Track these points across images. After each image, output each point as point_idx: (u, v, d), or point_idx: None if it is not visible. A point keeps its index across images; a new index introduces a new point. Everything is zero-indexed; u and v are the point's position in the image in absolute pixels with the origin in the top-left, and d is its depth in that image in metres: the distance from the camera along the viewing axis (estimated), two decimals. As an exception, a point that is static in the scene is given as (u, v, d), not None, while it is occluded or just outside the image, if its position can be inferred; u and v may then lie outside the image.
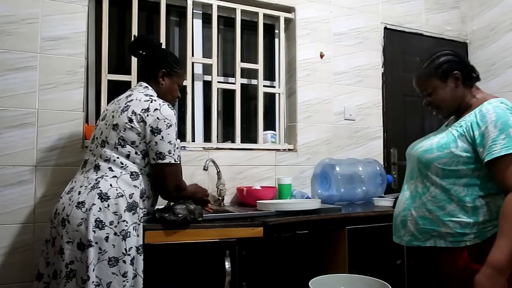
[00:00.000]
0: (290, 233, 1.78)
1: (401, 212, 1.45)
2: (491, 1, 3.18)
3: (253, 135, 2.68)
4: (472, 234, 1.30)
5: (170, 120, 1.52)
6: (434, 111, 1.47)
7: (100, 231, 1.37)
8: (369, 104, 2.89)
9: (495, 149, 1.23)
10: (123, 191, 1.44)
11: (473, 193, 1.31)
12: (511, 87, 3.01)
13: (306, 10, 2.71)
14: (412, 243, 1.42)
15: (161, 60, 1.70)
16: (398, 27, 3.06)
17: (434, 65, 1.41)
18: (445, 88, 1.40)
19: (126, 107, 1.54)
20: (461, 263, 1.31)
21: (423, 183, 1.39)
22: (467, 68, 1.41)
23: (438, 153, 1.33)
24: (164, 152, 1.50)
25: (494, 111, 1.28)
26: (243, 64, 2.58)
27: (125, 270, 1.38)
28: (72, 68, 2.06)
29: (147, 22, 2.51)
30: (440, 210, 1.34)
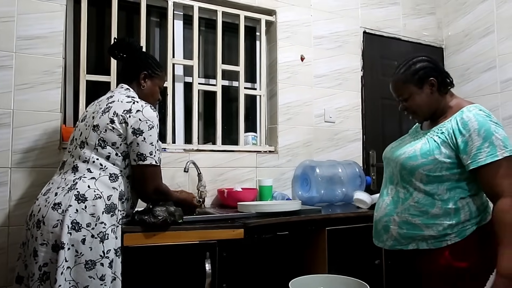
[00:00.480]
0: (271, 235, 1.79)
1: (382, 217, 1.47)
2: (465, 8, 3.28)
3: (234, 136, 2.68)
4: (453, 234, 1.34)
5: (152, 121, 1.51)
6: (410, 115, 1.51)
7: (76, 233, 1.35)
8: (349, 107, 2.93)
9: (481, 157, 1.27)
10: (101, 192, 1.42)
11: (455, 196, 1.35)
12: (484, 91, 3.11)
13: (287, 13, 2.73)
14: (395, 247, 1.45)
15: (142, 62, 1.70)
16: (376, 32, 3.12)
17: (411, 71, 1.44)
18: (421, 94, 1.43)
19: (108, 108, 1.52)
20: (443, 262, 1.34)
21: (406, 189, 1.41)
22: (442, 74, 1.44)
23: (423, 160, 1.35)
24: (145, 154, 1.49)
25: (476, 119, 1.31)
26: (224, 66, 2.59)
27: (103, 273, 1.36)
28: (49, 68, 2.02)
29: (127, 23, 2.48)
30: (424, 215, 1.36)
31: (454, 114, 1.38)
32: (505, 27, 2.98)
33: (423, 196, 1.37)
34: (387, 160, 1.54)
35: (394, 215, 1.42)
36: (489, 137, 1.28)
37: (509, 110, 2.94)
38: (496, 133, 1.29)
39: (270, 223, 1.80)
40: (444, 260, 1.35)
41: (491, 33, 3.06)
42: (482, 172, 1.29)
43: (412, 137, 1.54)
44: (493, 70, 3.05)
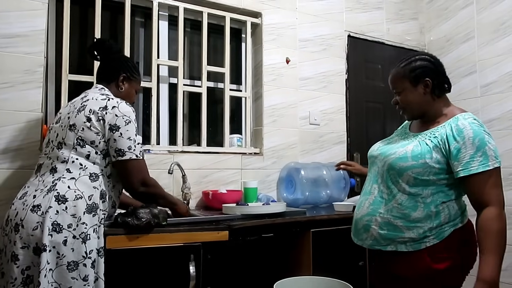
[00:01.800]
0: (256, 237, 1.79)
1: (364, 216, 1.47)
2: (446, 14, 3.35)
3: (219, 138, 2.67)
4: (432, 236, 1.36)
5: (129, 116, 1.50)
6: (400, 110, 1.52)
7: (57, 235, 1.32)
8: (333, 110, 2.96)
9: (473, 165, 1.29)
10: (82, 192, 1.40)
11: (437, 200, 1.36)
12: (465, 95, 3.18)
13: (272, 16, 2.74)
14: (374, 247, 1.46)
15: (122, 65, 1.69)
16: (361, 36, 3.16)
17: (410, 67, 1.44)
18: (414, 92, 1.44)
19: (83, 106, 1.50)
20: (422, 265, 1.36)
21: (390, 189, 1.42)
22: (439, 78, 1.44)
23: (413, 162, 1.35)
24: (124, 149, 1.47)
25: (471, 128, 1.32)
26: (210, 68, 2.58)
27: (86, 274, 1.33)
28: (30, 67, 1.97)
29: (111, 22, 2.45)
30: (406, 217, 1.37)
31: (447, 120, 1.39)
32: (485, 33, 3.05)
33: (406, 198, 1.38)
34: (373, 158, 1.54)
35: (377, 215, 1.42)
36: (482, 146, 1.30)
37: (488, 114, 3.01)
38: (489, 144, 1.31)
39: (255, 225, 1.79)
40: (423, 263, 1.36)
41: (472, 38, 3.14)
42: (472, 181, 1.31)
43: (400, 137, 1.54)
44: (473, 75, 3.12)
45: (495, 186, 1.30)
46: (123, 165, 1.49)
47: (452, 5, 3.31)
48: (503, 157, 2.94)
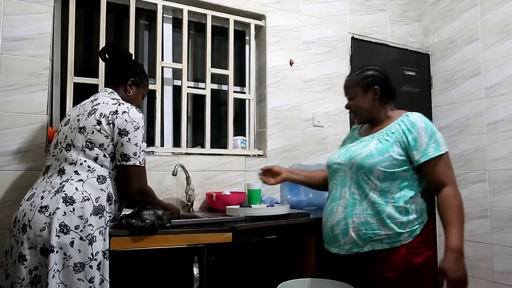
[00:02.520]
0: (259, 238, 1.79)
1: (340, 221, 1.52)
2: (450, 16, 3.34)
3: (223, 140, 2.68)
4: (406, 233, 1.47)
5: (138, 122, 1.52)
6: (352, 114, 1.65)
7: (64, 236, 1.33)
8: (337, 112, 2.96)
9: (430, 151, 1.47)
10: (89, 194, 1.41)
11: (405, 195, 1.49)
12: (469, 97, 3.17)
13: (276, 18, 2.75)
14: (352, 251, 1.51)
15: (132, 69, 1.72)
16: (364, 37, 3.15)
17: (362, 75, 1.63)
18: (364, 98, 1.62)
19: (93, 110, 1.52)
20: (400, 260, 1.45)
21: (362, 189, 1.51)
22: (387, 87, 1.63)
23: (380, 157, 1.48)
24: (129, 154, 1.48)
25: (422, 120, 1.52)
26: (214, 70, 2.59)
27: (92, 275, 1.34)
28: (35, 70, 1.99)
29: (116, 25, 2.47)
30: (380, 214, 1.46)
31: (395, 120, 1.57)
32: (489, 34, 3.04)
33: (378, 195, 1.48)
34: (336, 165, 1.62)
35: (353, 217, 1.50)
36: (433, 135, 1.49)
37: (493, 115, 3.00)
38: (437, 132, 1.51)
39: (259, 227, 1.80)
40: (401, 258, 1.45)
41: (476, 40, 3.13)
42: (430, 165, 1.48)
43: (355, 143, 1.65)
44: (478, 76, 3.11)
45: (449, 168, 1.50)
46: (125, 170, 1.50)
47: (456, 6, 3.30)
48: (508, 159, 2.97)
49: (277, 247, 1.83)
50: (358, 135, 1.71)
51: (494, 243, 2.96)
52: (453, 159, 3.34)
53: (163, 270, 1.55)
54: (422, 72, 3.48)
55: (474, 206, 3.09)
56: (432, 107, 3.48)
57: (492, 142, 3.00)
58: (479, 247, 3.04)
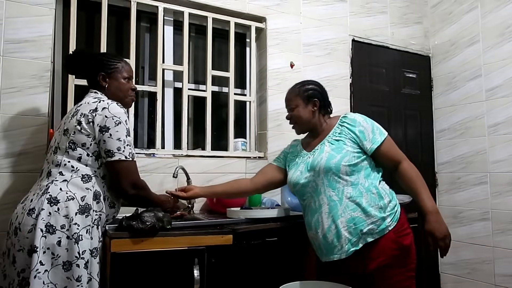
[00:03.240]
0: (260, 241, 1.79)
1: (330, 226, 1.57)
2: (451, 18, 3.35)
3: (224, 142, 2.68)
4: (389, 218, 1.56)
5: (119, 117, 1.49)
6: (292, 125, 1.81)
7: (51, 236, 1.34)
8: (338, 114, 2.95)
9: (377, 137, 1.63)
10: (73, 194, 1.42)
11: (372, 182, 1.60)
12: (470, 99, 3.17)
13: (277, 21, 2.76)
14: (350, 250, 1.55)
15: (95, 65, 1.65)
16: (365, 40, 3.16)
17: (304, 88, 1.78)
18: (305, 109, 1.75)
19: (76, 111, 1.53)
20: (391, 245, 1.54)
21: (336, 189, 1.58)
22: (325, 101, 1.79)
23: (339, 155, 1.60)
24: (113, 150, 1.47)
25: (358, 115, 1.71)
26: (214, 72, 2.59)
27: (79, 274, 1.35)
28: (37, 72, 2.00)
29: (117, 28, 2.47)
30: (360, 205, 1.55)
31: (335, 124, 1.72)
32: (490, 36, 3.04)
33: (352, 190, 1.57)
34: (303, 181, 1.67)
35: (340, 217, 1.56)
36: (373, 124, 1.67)
37: (494, 118, 3.00)
38: (374, 122, 1.69)
39: (259, 229, 1.80)
40: (393, 243, 1.54)
41: (477, 42, 3.13)
42: (381, 150, 1.63)
43: (308, 155, 1.73)
44: (478, 79, 3.11)
45: (396, 147, 1.67)
46: (113, 166, 1.49)
47: (456, 9, 3.31)
48: (509, 162, 2.97)
49: (277, 249, 1.83)
50: (304, 149, 1.80)
51: (496, 245, 2.95)
52: (454, 161, 3.37)
53: (163, 272, 1.55)
54: (422, 74, 3.48)
55: (475, 209, 3.09)
56: (433, 109, 3.48)
57: (493, 144, 2.99)
58: (481, 249, 3.03)
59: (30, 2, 2.00)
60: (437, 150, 3.43)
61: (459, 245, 3.15)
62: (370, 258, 1.56)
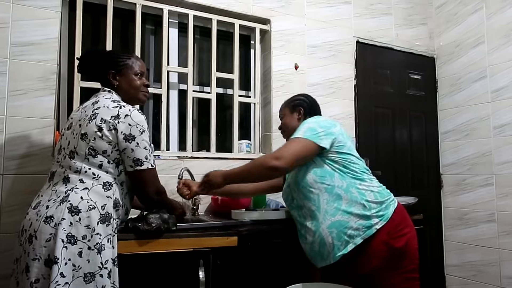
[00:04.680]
0: (265, 242, 1.79)
1: (314, 236, 1.60)
2: (456, 19, 3.34)
3: (228, 144, 2.69)
4: (375, 216, 1.54)
5: (142, 125, 1.49)
6: (282, 133, 1.90)
7: (72, 247, 1.31)
8: (342, 115, 2.95)
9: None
10: (95, 203, 1.38)
11: (351, 181, 1.59)
12: (475, 100, 3.16)
13: (281, 23, 2.76)
14: (337, 255, 1.55)
15: (104, 63, 1.63)
16: (369, 41, 3.16)
17: (291, 99, 1.92)
18: (290, 117, 1.87)
19: (94, 115, 1.47)
20: (382, 247, 1.53)
21: (313, 200, 1.60)
22: (311, 109, 1.87)
23: (304, 167, 1.63)
24: (142, 159, 1.47)
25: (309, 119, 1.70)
26: (219, 74, 2.60)
27: (103, 284, 1.33)
28: (43, 75, 2.01)
29: (122, 30, 2.49)
30: (340, 208, 1.56)
31: None
32: (495, 37, 3.03)
33: (327, 195, 1.58)
34: (284, 198, 1.79)
35: (321, 225, 1.57)
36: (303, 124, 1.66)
37: (499, 119, 2.98)
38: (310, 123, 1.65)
39: (264, 230, 1.80)
40: (383, 245, 1.53)
41: (482, 43, 3.12)
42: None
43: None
44: (484, 80, 3.10)
45: (290, 146, 1.62)
46: (140, 175, 1.49)
47: (461, 10, 3.30)
48: (513, 163, 2.92)
49: (282, 251, 1.82)
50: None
51: (502, 247, 2.93)
52: (459, 162, 3.36)
53: (169, 274, 1.56)
54: (427, 76, 3.47)
55: (481, 210, 3.07)
56: (437, 110, 3.47)
57: (499, 145, 2.98)
58: (486, 251, 3.02)
59: (36, 5, 2.02)
60: (442, 151, 3.42)
61: (464, 247, 3.13)
62: (363, 261, 1.56)
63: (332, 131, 1.62)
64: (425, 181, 3.35)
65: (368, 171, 1.70)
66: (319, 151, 1.61)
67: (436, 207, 3.34)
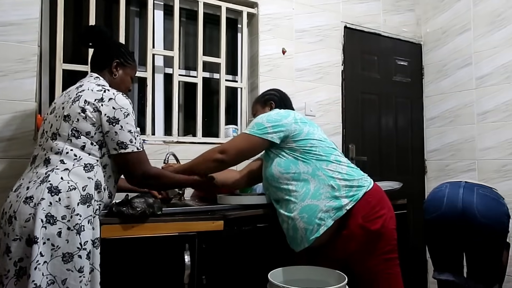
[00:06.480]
0: (251, 227, 1.80)
1: (288, 222, 1.65)
2: (443, 6, 3.35)
3: (215, 129, 2.67)
4: (345, 197, 1.58)
5: (127, 109, 1.48)
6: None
7: (51, 227, 1.31)
8: (329, 101, 2.96)
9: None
10: (75, 183, 1.38)
11: (316, 165, 1.63)
12: (460, 87, 3.19)
13: (269, 6, 2.73)
14: (311, 239, 1.59)
15: (115, 51, 1.66)
16: (357, 27, 3.15)
17: (262, 95, 2.05)
18: (262, 111, 1.90)
19: (78, 97, 1.47)
20: (358, 230, 1.56)
21: (282, 190, 1.66)
22: (281, 103, 1.96)
23: (269, 162, 1.71)
24: (126, 142, 1.46)
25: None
26: (205, 58, 2.56)
27: (81, 265, 1.33)
28: (23, 56, 1.96)
29: (106, 12, 2.42)
30: (308, 193, 1.60)
31: None
32: (481, 24, 3.05)
33: (295, 182, 1.62)
34: (266, 192, 1.83)
35: (293, 212, 1.62)
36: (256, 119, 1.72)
37: (483, 106, 3.03)
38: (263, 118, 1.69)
39: (250, 215, 1.80)
40: (359, 229, 1.56)
41: (468, 30, 3.14)
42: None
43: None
44: (469, 67, 3.13)
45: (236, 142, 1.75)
46: (125, 158, 1.48)
47: (449, -4, 3.30)
48: (497, 149, 3.02)
49: (268, 235, 1.84)
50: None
51: (482, 231, 3.00)
52: (443, 149, 3.40)
53: (154, 258, 1.55)
54: (414, 62, 3.49)
55: (463, 195, 3.13)
56: (423, 97, 3.50)
57: (482, 132, 3.03)
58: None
59: (15, -17, 1.95)
60: (427, 137, 3.46)
61: (446, 231, 3.20)
62: (341, 245, 1.61)
63: (283, 122, 1.66)
64: (410, 166, 3.39)
65: (336, 150, 1.73)
66: (269, 145, 1.68)
67: (420, 192, 3.40)
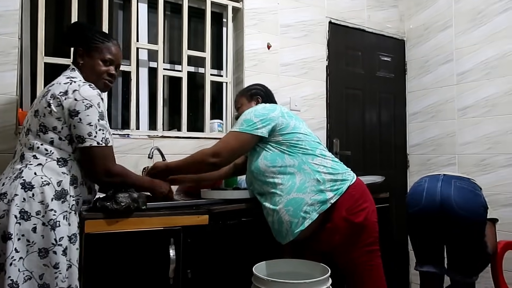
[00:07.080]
0: (236, 221, 1.81)
1: (273, 215, 1.66)
2: (425, 2, 3.39)
3: (200, 123, 2.67)
4: (329, 191, 1.59)
5: (91, 100, 1.41)
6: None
7: (26, 222, 1.30)
8: (314, 96, 2.98)
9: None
10: (49, 179, 1.36)
11: (302, 159, 1.64)
12: (441, 83, 3.26)
13: (254, 1, 2.72)
14: (296, 232, 1.60)
15: (77, 38, 1.56)
16: (342, 22, 3.17)
17: (248, 89, 2.04)
18: (248, 106, 1.92)
19: (47, 91, 1.45)
20: (342, 223, 1.58)
21: (267, 183, 1.66)
22: (267, 98, 1.98)
23: (255, 156, 1.70)
24: (83, 135, 1.40)
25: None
26: (190, 52, 2.55)
27: (57, 261, 1.32)
28: (3, 49, 1.91)
29: (89, 4, 2.38)
30: (294, 186, 1.60)
31: None
32: (463, 21, 3.11)
33: (281, 176, 1.63)
34: (250, 186, 1.81)
35: (278, 205, 1.62)
36: (244, 115, 1.73)
37: (463, 101, 3.10)
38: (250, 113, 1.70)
39: (235, 209, 1.81)
40: (343, 222, 1.58)
41: (450, 27, 3.20)
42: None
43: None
44: (450, 63, 3.19)
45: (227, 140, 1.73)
46: (84, 153, 1.43)
47: (431, -7, 3.35)
48: (476, 144, 3.09)
49: (253, 229, 1.85)
50: None
51: (461, 224, 3.08)
52: (424, 143, 3.47)
53: (139, 253, 1.55)
54: (397, 58, 3.54)
55: (444, 189, 3.21)
56: (406, 92, 3.56)
57: (462, 127, 3.10)
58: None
59: (-6, -26, 1.90)
60: (409, 132, 3.52)
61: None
62: (325, 238, 1.63)
63: (271, 116, 1.67)
64: (393, 161, 3.45)
65: (321, 144, 1.74)
66: (258, 140, 1.69)
67: (402, 186, 3.46)
